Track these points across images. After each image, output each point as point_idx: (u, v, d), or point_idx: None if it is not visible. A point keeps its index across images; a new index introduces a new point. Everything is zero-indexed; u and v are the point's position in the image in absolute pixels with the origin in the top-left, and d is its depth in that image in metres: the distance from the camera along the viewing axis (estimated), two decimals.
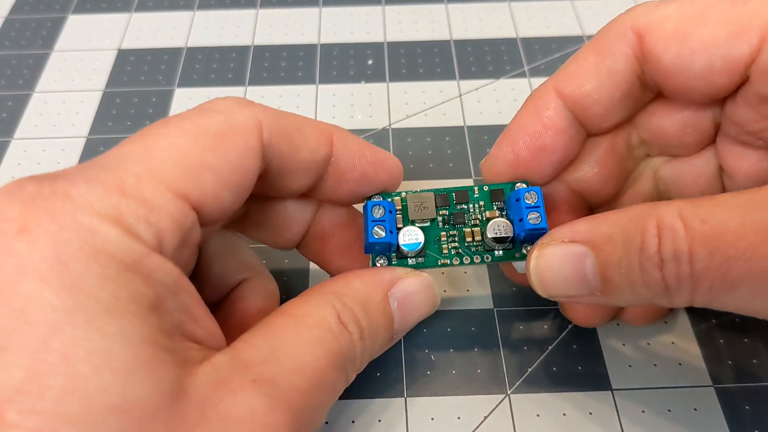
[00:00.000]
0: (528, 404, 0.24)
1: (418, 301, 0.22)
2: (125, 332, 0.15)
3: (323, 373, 0.19)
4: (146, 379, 0.15)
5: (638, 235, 0.18)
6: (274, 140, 0.20)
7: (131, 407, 0.15)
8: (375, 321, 0.21)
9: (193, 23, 0.40)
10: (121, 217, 0.16)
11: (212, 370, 0.17)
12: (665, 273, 0.18)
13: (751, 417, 0.24)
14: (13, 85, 0.36)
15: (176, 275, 0.17)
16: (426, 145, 0.33)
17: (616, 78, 0.22)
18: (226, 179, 0.18)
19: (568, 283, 0.20)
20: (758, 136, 0.22)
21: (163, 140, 0.18)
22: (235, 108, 0.20)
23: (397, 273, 0.22)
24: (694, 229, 0.17)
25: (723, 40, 0.20)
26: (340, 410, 0.24)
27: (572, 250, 0.19)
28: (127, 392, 0.15)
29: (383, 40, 0.39)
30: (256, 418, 0.16)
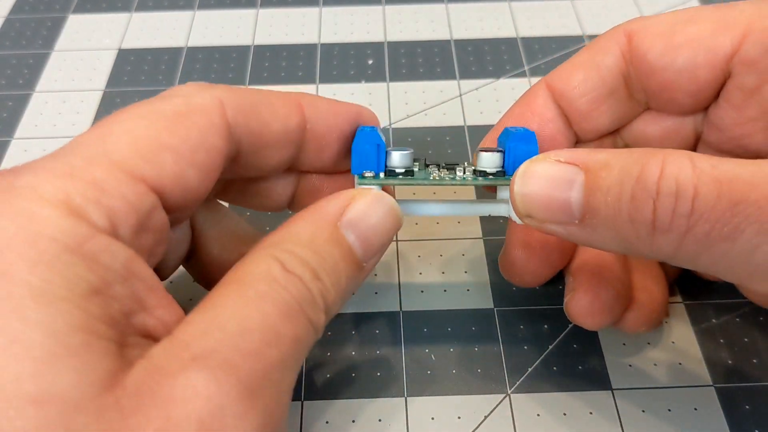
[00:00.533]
0: (528, 404, 0.24)
1: (376, 221, 0.20)
2: (51, 320, 0.14)
3: (276, 327, 0.17)
4: (72, 369, 0.14)
5: (638, 165, 0.17)
6: (240, 118, 0.19)
7: (51, 398, 0.14)
8: (329, 257, 0.19)
9: (193, 23, 0.40)
10: (68, 198, 0.15)
11: (146, 362, 0.16)
12: (658, 206, 0.16)
13: (752, 417, 0.24)
14: (13, 84, 0.36)
15: (127, 258, 0.16)
16: (426, 144, 0.33)
17: (602, 72, 0.22)
18: (188, 158, 0.18)
19: (550, 203, 0.18)
20: (739, 142, 0.22)
21: (118, 126, 0.18)
22: (194, 91, 0.19)
23: (341, 201, 0.20)
24: (703, 170, 0.16)
25: (707, 34, 0.20)
26: (340, 410, 0.24)
27: (563, 169, 0.18)
28: (47, 383, 0.14)
29: (383, 40, 0.39)
30: (199, 395, 0.15)
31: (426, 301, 0.27)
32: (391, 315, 0.27)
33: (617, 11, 0.40)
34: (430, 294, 0.28)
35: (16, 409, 0.14)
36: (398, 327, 0.26)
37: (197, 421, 0.15)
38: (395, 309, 0.27)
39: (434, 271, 0.28)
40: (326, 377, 0.25)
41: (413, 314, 0.27)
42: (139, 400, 0.15)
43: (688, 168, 0.16)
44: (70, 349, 0.14)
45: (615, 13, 0.40)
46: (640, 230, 0.17)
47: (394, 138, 0.33)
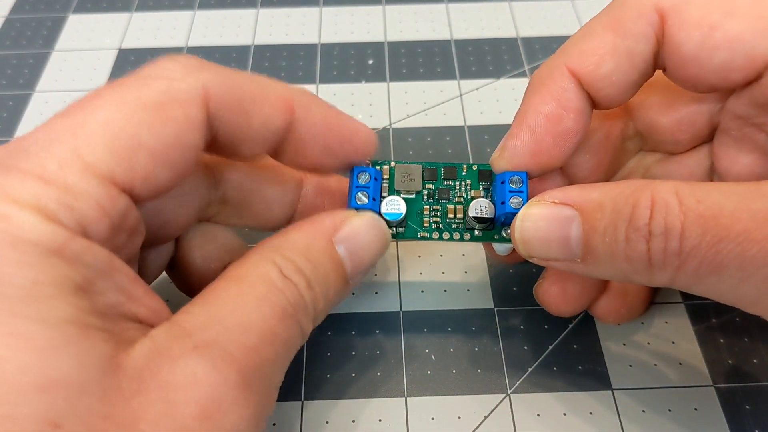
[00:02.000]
0: (528, 404, 0.24)
1: (366, 241, 0.21)
2: (45, 314, 0.15)
3: (272, 327, 0.18)
4: (72, 356, 0.15)
5: (629, 206, 0.18)
6: (222, 110, 0.19)
7: (55, 384, 0.14)
8: (322, 268, 0.20)
9: (193, 23, 0.40)
10: (41, 204, 0.15)
11: (149, 342, 0.16)
12: (651, 246, 0.17)
13: (752, 417, 0.24)
14: (13, 84, 0.36)
15: (106, 256, 0.16)
16: (426, 144, 0.33)
17: (635, 60, 0.21)
18: (161, 158, 0.17)
19: (551, 245, 0.19)
20: (762, 128, 0.21)
21: (94, 116, 0.17)
22: (179, 73, 0.18)
23: (338, 217, 0.21)
24: (689, 206, 0.17)
25: (749, 36, 0.19)
26: (340, 409, 0.24)
27: (560, 212, 0.19)
28: (50, 369, 0.14)
29: (384, 40, 0.39)
30: (200, 380, 0.16)
31: (426, 301, 0.27)
32: (391, 315, 0.27)
33: None
34: (430, 294, 0.28)
35: (24, 398, 0.14)
36: (398, 327, 0.26)
37: (197, 405, 0.16)
38: (395, 309, 0.27)
39: (434, 271, 0.28)
40: (326, 377, 0.25)
41: (413, 314, 0.27)
42: (141, 383, 0.15)
43: (675, 206, 0.17)
44: (68, 338, 0.15)
45: None
46: (638, 267, 0.18)
47: (395, 137, 0.33)
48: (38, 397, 0.14)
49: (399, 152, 0.33)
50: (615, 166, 0.25)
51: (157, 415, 0.15)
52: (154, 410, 0.15)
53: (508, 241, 0.22)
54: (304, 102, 0.21)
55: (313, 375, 0.25)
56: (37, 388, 0.14)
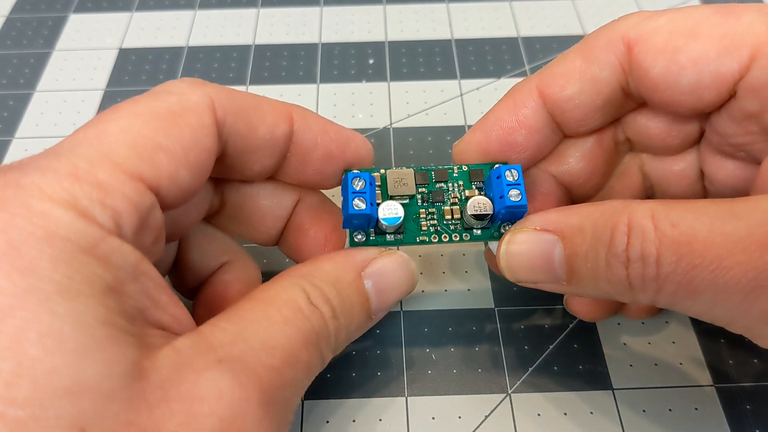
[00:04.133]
0: (529, 404, 0.24)
1: (394, 279, 0.22)
2: (79, 313, 0.15)
3: (295, 351, 0.18)
4: (100, 361, 0.15)
5: (608, 231, 0.18)
6: (229, 119, 0.20)
7: (84, 389, 0.14)
8: (348, 300, 0.20)
9: (194, 22, 0.40)
10: (76, 201, 0.16)
11: (173, 353, 0.16)
12: (630, 272, 0.18)
13: (752, 416, 0.24)
14: (14, 84, 0.36)
15: (136, 259, 0.17)
16: (427, 144, 0.33)
17: (599, 85, 0.22)
18: (181, 159, 0.18)
19: (535, 270, 0.20)
20: (740, 148, 0.22)
21: (114, 124, 0.18)
22: (186, 89, 0.19)
23: (369, 253, 0.22)
24: (663, 232, 0.17)
25: (713, 55, 0.19)
26: (340, 409, 0.24)
27: (541, 238, 0.20)
28: (79, 374, 0.14)
29: (384, 40, 0.39)
30: (223, 394, 0.16)
31: (427, 301, 0.27)
32: (391, 315, 0.27)
33: (618, 10, 0.40)
34: (430, 294, 0.28)
35: (53, 401, 0.14)
36: (399, 327, 0.27)
37: (220, 419, 0.16)
38: (396, 309, 0.27)
39: (435, 271, 0.28)
40: (327, 377, 0.25)
41: (414, 314, 0.27)
42: (165, 393, 0.16)
43: (651, 231, 0.17)
44: (98, 341, 0.15)
45: (616, 12, 0.40)
46: (620, 289, 0.18)
47: (395, 137, 0.33)
48: (66, 401, 0.14)
49: (399, 152, 0.33)
50: (610, 167, 0.25)
51: (179, 425, 0.15)
52: (176, 420, 0.15)
53: None
54: (301, 112, 0.22)
55: None
56: (66, 391, 0.14)
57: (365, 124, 0.34)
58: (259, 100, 0.21)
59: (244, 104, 0.20)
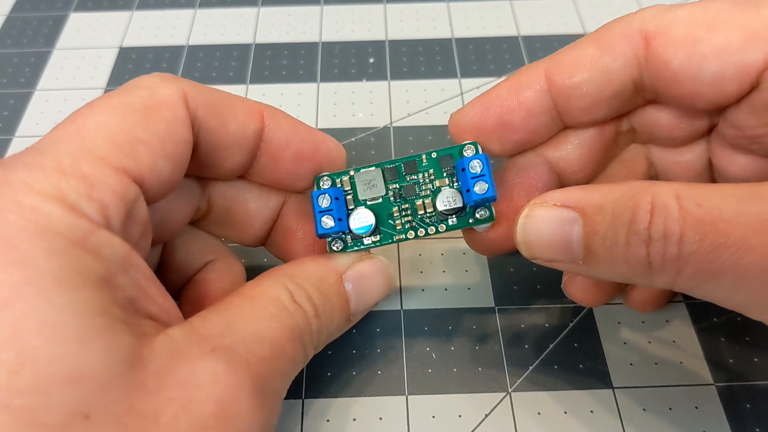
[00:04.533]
0: (529, 402, 0.24)
1: (373, 283, 0.23)
2: (75, 303, 0.15)
3: (282, 344, 0.19)
4: (100, 349, 0.15)
5: (629, 210, 0.18)
6: (200, 112, 0.20)
7: (84, 376, 0.15)
8: (329, 301, 0.21)
9: (194, 21, 0.40)
10: (63, 195, 0.16)
11: (169, 341, 0.17)
12: (651, 251, 0.17)
13: (753, 415, 0.24)
14: (14, 83, 0.36)
15: (125, 251, 0.17)
16: (427, 143, 0.33)
17: (609, 76, 0.21)
18: (159, 150, 0.18)
19: (552, 247, 0.20)
20: (756, 141, 0.21)
21: (92, 120, 0.18)
22: (159, 83, 0.20)
23: (350, 257, 0.23)
24: (688, 211, 0.17)
25: (736, 46, 0.19)
26: (341, 408, 0.24)
27: (561, 215, 0.19)
28: (80, 362, 0.15)
29: (385, 39, 0.39)
30: (219, 381, 0.16)
31: (427, 300, 0.27)
32: (392, 313, 0.27)
33: (618, 10, 0.40)
34: (430, 292, 0.28)
35: (56, 388, 0.14)
36: (399, 325, 0.27)
37: (216, 404, 0.16)
38: (396, 308, 0.27)
39: (435, 270, 0.28)
40: (327, 375, 0.25)
41: (414, 313, 0.27)
42: (162, 380, 0.16)
43: (675, 210, 0.17)
44: (96, 330, 0.15)
45: (616, 11, 0.40)
46: (638, 270, 0.18)
47: (396, 136, 0.33)
48: (69, 388, 0.14)
49: (400, 151, 0.33)
50: (607, 159, 0.25)
51: (177, 411, 0.16)
52: (174, 405, 0.16)
53: (484, 221, 0.22)
54: (272, 112, 0.22)
55: (313, 373, 0.25)
56: (68, 379, 0.14)
57: (365, 123, 0.34)
58: (231, 98, 0.22)
59: (215, 100, 0.21)
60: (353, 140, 0.33)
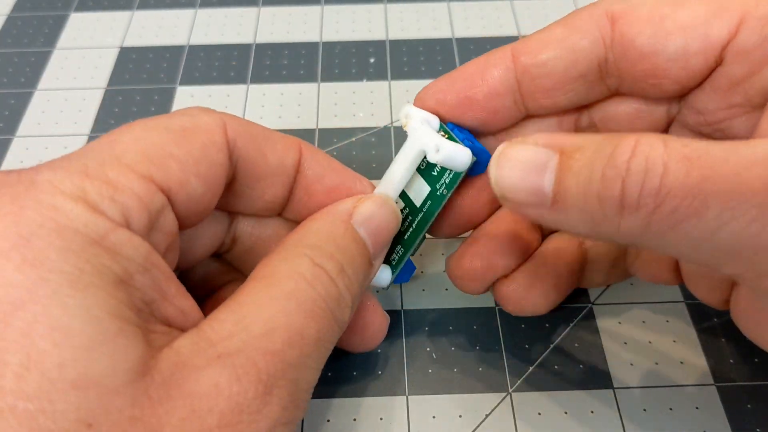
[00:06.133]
0: (529, 403, 0.24)
1: (382, 219, 0.22)
2: (89, 305, 0.15)
3: (299, 328, 0.18)
4: (108, 356, 0.15)
5: (611, 147, 0.17)
6: (239, 141, 0.20)
7: (91, 383, 0.15)
8: (349, 251, 0.20)
9: (195, 21, 0.40)
10: (86, 195, 0.16)
11: (174, 355, 0.17)
12: (626, 184, 0.16)
13: (753, 416, 0.24)
14: (15, 83, 0.36)
15: (146, 250, 0.17)
16: None
17: (576, 55, 0.21)
18: (192, 168, 0.19)
19: (523, 186, 0.18)
20: (717, 126, 0.21)
21: (127, 135, 0.18)
22: (199, 112, 0.20)
23: (350, 201, 0.22)
24: (674, 149, 0.16)
25: (701, 20, 0.19)
26: (341, 408, 0.24)
27: (538, 152, 0.18)
28: (87, 368, 0.15)
29: (385, 38, 0.39)
30: (222, 390, 0.16)
31: (427, 300, 0.27)
32: (392, 313, 0.27)
33: None
34: (431, 292, 0.28)
35: (59, 393, 0.14)
36: (400, 325, 0.27)
37: (219, 414, 0.16)
38: (397, 307, 0.27)
39: (436, 270, 0.28)
40: (327, 375, 0.25)
41: (414, 313, 0.27)
42: (167, 390, 0.16)
43: (660, 147, 0.16)
44: (107, 334, 0.15)
45: None
46: (608, 210, 0.17)
47: (396, 136, 0.33)
48: (74, 395, 0.14)
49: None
50: None
51: (182, 422, 0.16)
52: (178, 416, 0.16)
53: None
54: (309, 145, 0.22)
55: None
56: (74, 385, 0.14)
57: (366, 123, 0.34)
58: (269, 130, 0.22)
59: (254, 131, 0.21)
60: (353, 140, 0.33)
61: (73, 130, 0.34)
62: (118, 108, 0.35)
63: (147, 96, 0.35)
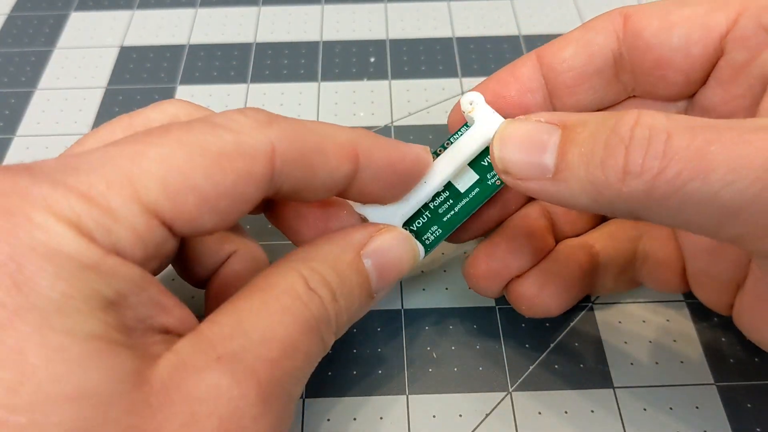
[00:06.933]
0: (530, 402, 0.24)
1: (395, 256, 0.21)
2: (77, 329, 0.15)
3: (294, 340, 0.18)
4: (102, 369, 0.15)
5: (614, 119, 0.17)
6: (287, 167, 0.18)
7: (86, 395, 0.14)
8: (348, 281, 0.20)
9: (195, 20, 0.40)
10: (79, 220, 0.15)
11: (174, 356, 0.16)
12: (630, 150, 0.16)
13: (753, 415, 0.24)
14: (15, 82, 0.36)
15: (139, 274, 0.16)
16: (428, 142, 0.33)
17: (592, 48, 0.23)
18: (211, 204, 0.17)
19: (525, 155, 0.19)
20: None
21: (155, 150, 0.17)
22: (248, 128, 0.18)
23: (368, 231, 0.21)
24: (678, 119, 0.16)
25: (702, 13, 0.21)
26: (341, 407, 0.24)
27: (541, 128, 0.19)
28: (81, 380, 0.14)
29: (385, 38, 0.39)
30: (221, 393, 0.16)
31: (428, 299, 0.27)
32: (392, 313, 0.27)
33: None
34: (431, 292, 0.28)
35: (54, 406, 0.14)
36: (400, 325, 0.27)
37: (219, 418, 0.16)
38: (397, 307, 0.27)
39: (436, 269, 0.28)
40: (327, 375, 0.25)
41: (415, 312, 0.27)
42: (167, 395, 0.16)
43: (662, 118, 0.17)
44: (98, 353, 0.15)
45: None
46: (610, 176, 0.17)
47: (396, 135, 0.33)
48: (68, 407, 0.14)
49: None
50: None
51: (180, 427, 0.15)
52: (178, 422, 0.15)
53: None
54: (367, 146, 0.20)
55: (314, 373, 0.25)
56: (67, 398, 0.14)
57: (366, 122, 0.34)
58: (325, 138, 0.19)
59: (306, 146, 0.19)
60: None
61: (74, 129, 0.34)
62: (119, 107, 0.35)
63: (147, 95, 0.35)
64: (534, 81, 0.24)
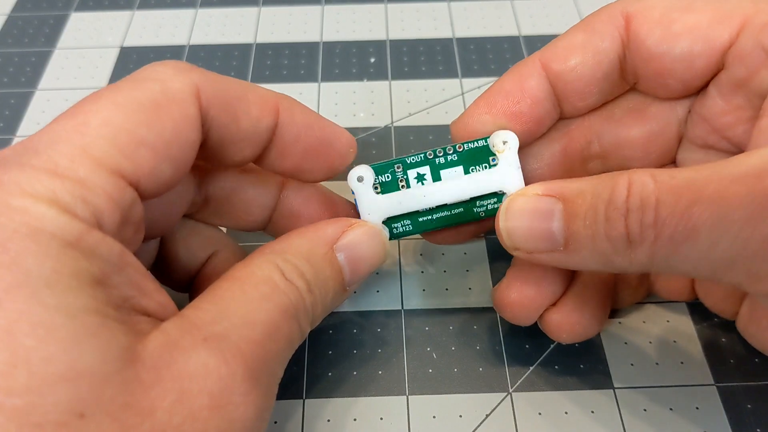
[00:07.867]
0: (530, 403, 0.24)
1: (366, 250, 0.22)
2: (68, 305, 0.15)
3: (276, 324, 0.19)
4: (94, 347, 0.15)
5: (608, 189, 0.18)
6: (212, 109, 0.19)
7: (80, 374, 0.15)
8: (322, 274, 0.21)
9: (195, 21, 0.40)
10: (56, 197, 0.16)
11: (162, 335, 0.17)
12: (629, 221, 0.18)
13: (753, 416, 0.24)
14: (15, 82, 0.36)
15: (119, 250, 0.17)
16: (428, 143, 0.33)
17: (599, 56, 0.23)
18: (163, 153, 0.18)
19: (534, 233, 0.20)
20: (724, 134, 0.22)
21: (95, 116, 0.17)
22: (171, 75, 0.19)
23: (340, 225, 0.22)
24: (663, 182, 0.17)
25: (705, 25, 0.21)
26: (341, 408, 0.24)
27: (542, 202, 0.20)
28: (74, 360, 0.15)
29: (386, 38, 0.39)
30: (211, 371, 0.16)
31: (428, 300, 0.27)
32: (392, 313, 0.27)
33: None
34: (431, 292, 0.28)
35: (49, 387, 0.14)
36: (400, 325, 0.27)
37: (209, 395, 0.16)
38: (397, 307, 0.27)
39: (436, 270, 0.28)
40: (328, 375, 0.25)
41: (415, 313, 0.27)
42: (157, 373, 0.16)
43: (650, 183, 0.18)
44: (90, 330, 0.15)
45: None
46: (618, 246, 0.18)
47: (396, 136, 0.33)
48: (63, 387, 0.14)
49: (401, 150, 0.33)
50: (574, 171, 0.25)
51: (172, 404, 0.16)
52: (169, 398, 0.16)
53: None
54: (288, 105, 0.22)
55: (314, 373, 0.25)
56: (62, 378, 0.14)
57: (366, 123, 0.34)
58: (246, 89, 0.21)
59: (229, 93, 0.20)
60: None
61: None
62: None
63: None
64: (543, 91, 0.23)
